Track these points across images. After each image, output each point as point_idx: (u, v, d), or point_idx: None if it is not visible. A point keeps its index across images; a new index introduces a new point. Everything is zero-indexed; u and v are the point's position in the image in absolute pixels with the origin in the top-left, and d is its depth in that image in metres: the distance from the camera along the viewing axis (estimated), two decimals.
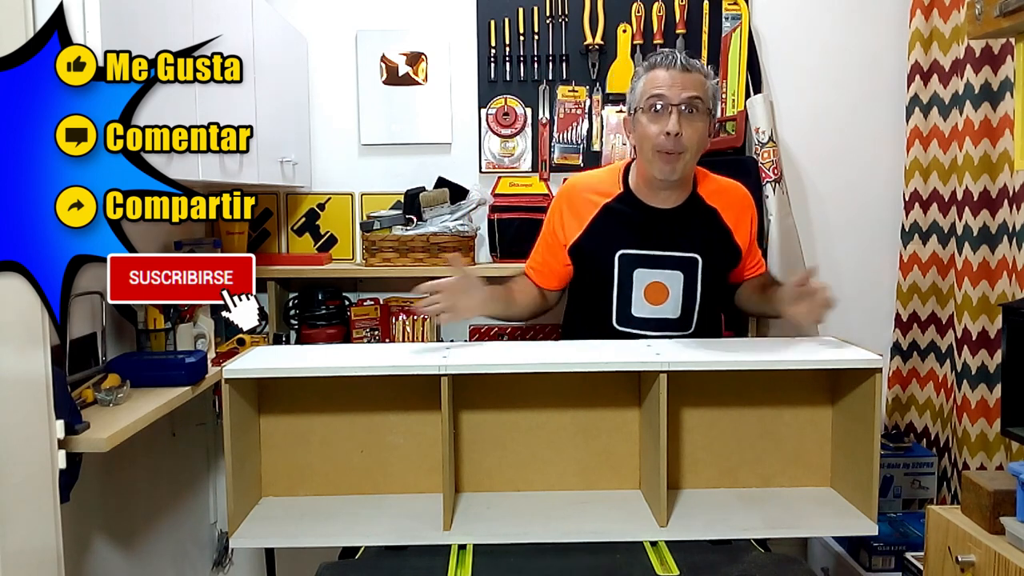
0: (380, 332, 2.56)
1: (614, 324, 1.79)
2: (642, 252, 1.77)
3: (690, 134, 1.68)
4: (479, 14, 2.57)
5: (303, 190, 2.62)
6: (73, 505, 1.48)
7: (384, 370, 1.41)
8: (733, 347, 1.65)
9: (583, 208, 1.81)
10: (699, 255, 1.78)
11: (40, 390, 1.23)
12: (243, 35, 2.01)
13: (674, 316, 1.79)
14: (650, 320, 1.78)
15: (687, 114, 1.67)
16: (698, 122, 1.69)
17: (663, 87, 1.68)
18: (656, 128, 1.68)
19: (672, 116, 1.66)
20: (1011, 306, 1.50)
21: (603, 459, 1.55)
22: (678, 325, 1.80)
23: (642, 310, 1.78)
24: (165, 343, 1.92)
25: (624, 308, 1.78)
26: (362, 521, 1.44)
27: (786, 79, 2.62)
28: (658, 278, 1.77)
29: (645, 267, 1.77)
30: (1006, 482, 1.38)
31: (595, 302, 1.81)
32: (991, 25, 1.40)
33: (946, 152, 2.46)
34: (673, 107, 1.66)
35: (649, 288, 1.77)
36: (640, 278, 1.77)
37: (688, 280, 1.78)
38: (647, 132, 1.69)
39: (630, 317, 1.79)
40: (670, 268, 1.77)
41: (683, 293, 1.78)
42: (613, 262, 1.77)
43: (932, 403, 2.54)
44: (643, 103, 1.70)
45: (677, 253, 1.77)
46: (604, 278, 1.78)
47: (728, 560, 1.33)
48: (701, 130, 1.70)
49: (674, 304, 1.78)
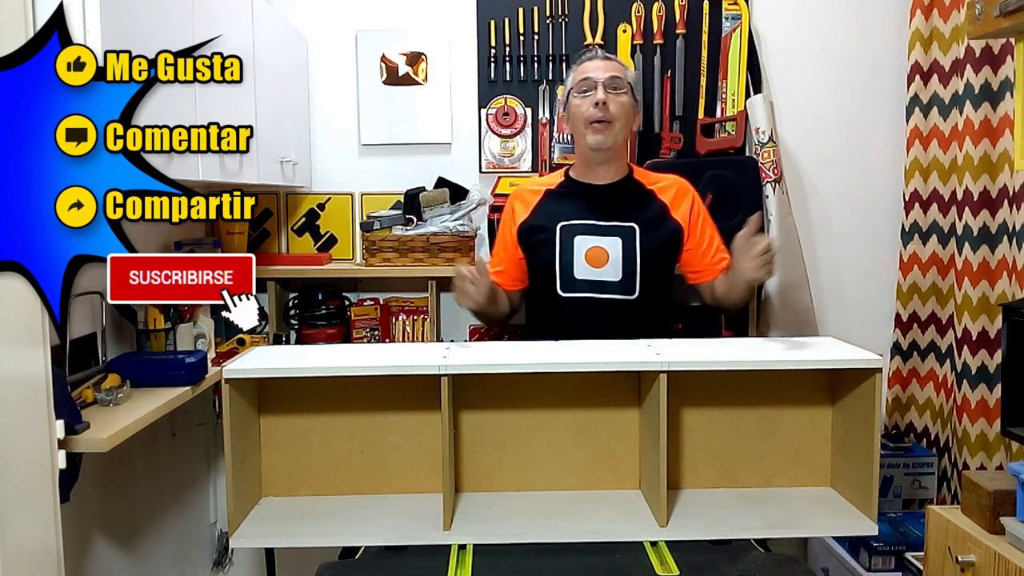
0: (380, 332, 2.56)
1: (559, 291, 1.92)
2: (582, 221, 1.94)
3: (616, 106, 1.89)
4: (479, 14, 2.57)
5: (303, 190, 2.62)
6: (73, 505, 1.48)
7: (384, 370, 1.41)
8: (733, 347, 1.65)
9: (529, 197, 2.02)
10: (635, 224, 1.93)
11: (40, 390, 1.23)
12: (243, 35, 2.01)
13: (615, 279, 1.91)
14: (593, 282, 1.91)
15: (612, 91, 1.90)
16: (622, 97, 1.91)
17: (589, 71, 1.93)
18: (587, 102, 1.90)
19: (599, 90, 1.89)
20: (1011, 306, 1.50)
21: (603, 459, 1.55)
22: (620, 288, 1.91)
23: (584, 272, 1.91)
24: (165, 343, 1.92)
25: (567, 273, 1.92)
26: (362, 521, 1.44)
27: (786, 79, 2.62)
28: (598, 243, 1.92)
29: (585, 234, 1.93)
30: (1006, 482, 1.38)
31: (542, 273, 1.95)
32: (991, 25, 1.40)
33: (946, 152, 2.46)
34: (599, 82, 1.90)
35: (590, 252, 1.91)
36: (580, 244, 1.92)
37: (627, 246, 1.91)
38: (579, 109, 1.92)
39: (574, 280, 1.91)
40: (609, 235, 1.92)
41: (623, 257, 1.91)
42: (555, 232, 1.93)
43: (932, 403, 2.54)
44: (574, 87, 1.95)
45: (615, 222, 1.93)
46: (549, 247, 1.93)
47: (728, 560, 1.33)
48: (626, 104, 1.92)
49: (615, 267, 1.91)
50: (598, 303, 1.89)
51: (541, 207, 1.99)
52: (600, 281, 1.90)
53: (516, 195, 2.07)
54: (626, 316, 1.89)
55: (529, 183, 2.13)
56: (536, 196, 2.01)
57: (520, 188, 2.11)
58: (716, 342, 1.79)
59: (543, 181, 2.09)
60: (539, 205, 1.99)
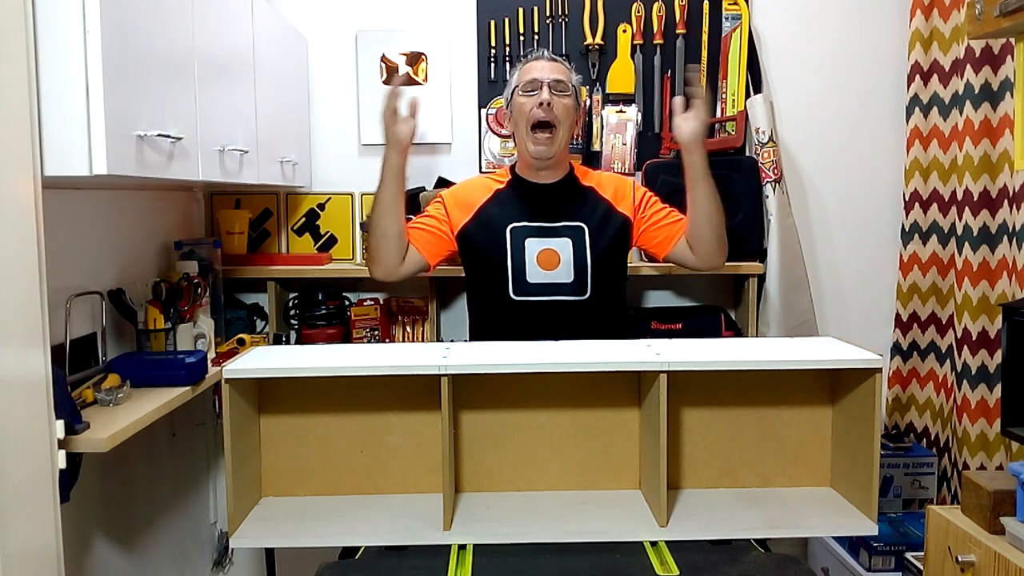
0: (380, 332, 2.56)
1: (511, 295, 1.90)
2: (532, 224, 1.93)
3: (560, 108, 1.89)
4: (479, 14, 2.57)
5: (303, 190, 2.62)
6: (73, 505, 1.48)
7: (384, 370, 1.41)
8: (733, 347, 1.65)
9: (473, 196, 2.00)
10: (583, 223, 1.93)
11: (40, 390, 1.23)
12: (243, 35, 2.01)
13: (568, 280, 1.90)
14: (545, 285, 1.90)
15: (557, 92, 1.89)
16: (566, 99, 1.91)
17: (534, 71, 1.92)
18: (531, 102, 1.89)
19: (544, 90, 1.88)
20: (1011, 306, 1.50)
21: (603, 459, 1.55)
22: (572, 289, 1.90)
23: (536, 276, 1.90)
24: (165, 343, 1.92)
25: (520, 277, 1.91)
26: (362, 521, 1.44)
27: (786, 79, 2.62)
28: (549, 245, 1.91)
29: (536, 236, 1.92)
30: (1006, 482, 1.38)
31: (492, 278, 1.92)
32: (991, 25, 1.40)
33: (946, 152, 2.46)
34: (544, 83, 1.89)
35: (541, 255, 1.91)
36: (532, 247, 1.91)
37: (577, 246, 1.91)
38: (523, 108, 1.90)
39: (526, 285, 1.90)
40: (559, 236, 1.92)
41: (574, 258, 1.90)
42: (506, 236, 1.92)
43: (932, 403, 2.54)
44: (519, 85, 1.93)
45: (564, 223, 1.93)
46: (499, 251, 1.91)
47: (728, 560, 1.33)
48: (570, 107, 1.92)
49: (567, 269, 1.90)
50: (550, 305, 1.89)
51: (489, 208, 1.97)
52: (553, 283, 1.90)
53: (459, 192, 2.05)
54: (578, 317, 1.89)
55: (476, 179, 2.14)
56: (483, 196, 1.98)
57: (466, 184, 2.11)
58: (716, 342, 1.78)
59: (490, 179, 2.06)
60: (485, 206, 1.97)
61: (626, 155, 2.54)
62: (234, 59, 1.94)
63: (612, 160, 2.54)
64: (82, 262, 1.81)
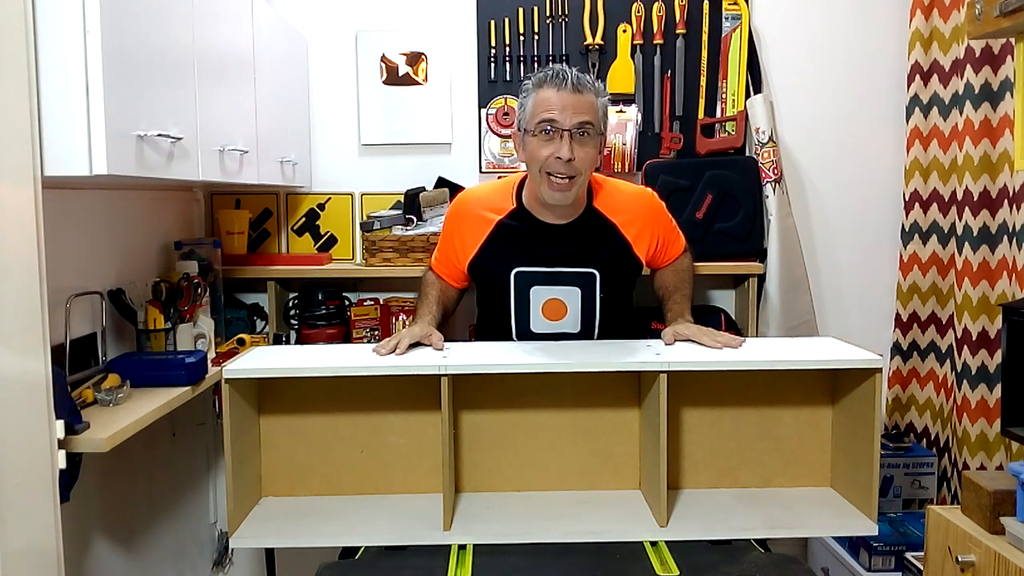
0: (380, 332, 2.56)
1: (514, 338, 1.80)
2: (538, 269, 1.75)
3: (582, 157, 1.64)
4: (479, 14, 2.57)
5: (303, 190, 2.62)
6: (73, 505, 1.48)
7: (384, 370, 1.41)
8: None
9: (477, 226, 1.80)
10: (596, 270, 1.76)
11: (40, 390, 1.23)
12: (243, 35, 2.01)
13: (574, 330, 1.78)
14: (550, 335, 1.77)
15: (579, 138, 1.64)
16: (589, 146, 1.66)
17: (555, 110, 1.63)
18: (547, 152, 1.64)
19: (564, 141, 1.62)
20: (1011, 306, 1.50)
21: (603, 459, 1.55)
22: (578, 336, 1.79)
23: (541, 326, 1.77)
24: (165, 343, 1.92)
25: (523, 324, 1.78)
26: (362, 521, 1.44)
27: (786, 79, 2.62)
28: (555, 295, 1.75)
29: (541, 284, 1.75)
30: (1006, 482, 1.38)
31: (496, 317, 1.81)
32: (991, 25, 1.40)
33: (946, 152, 2.46)
34: (564, 132, 1.63)
35: (547, 305, 1.76)
36: (537, 295, 1.76)
37: (586, 295, 1.76)
38: (538, 155, 1.66)
39: (530, 333, 1.78)
40: (567, 284, 1.76)
41: (582, 307, 1.76)
42: (509, 280, 1.76)
43: (932, 403, 2.54)
44: (533, 126, 1.66)
45: (573, 269, 1.75)
46: (502, 295, 1.77)
47: (728, 560, 1.33)
48: (592, 153, 1.67)
49: (573, 319, 1.77)
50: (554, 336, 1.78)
51: (492, 244, 1.79)
52: (558, 333, 1.77)
53: (462, 217, 1.84)
54: None
55: (476, 200, 1.86)
56: (486, 227, 1.79)
57: (467, 205, 1.86)
58: None
59: (493, 202, 1.83)
60: (489, 241, 1.79)
61: (626, 155, 2.54)
62: (234, 59, 1.94)
63: (612, 160, 2.54)
64: (82, 262, 1.81)
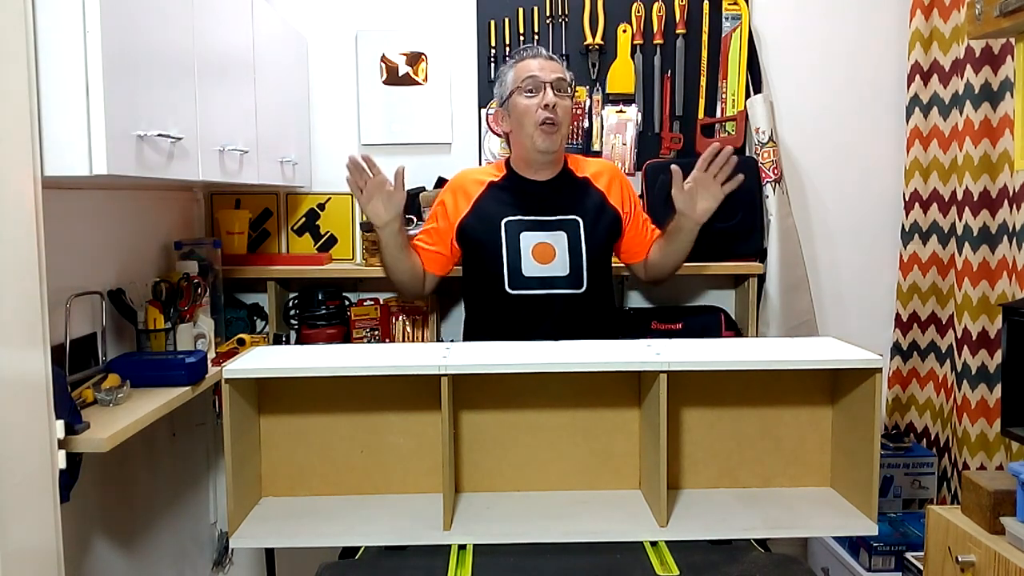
0: (380, 332, 2.56)
1: (507, 289, 1.93)
2: (526, 217, 1.96)
3: (562, 110, 1.92)
4: (479, 14, 2.57)
5: (303, 190, 2.62)
6: (73, 505, 1.48)
7: (384, 370, 1.41)
8: (733, 347, 1.65)
9: (471, 189, 2.02)
10: (578, 217, 1.97)
11: (40, 390, 1.23)
12: (243, 35, 2.01)
13: (564, 273, 1.94)
14: (541, 279, 1.93)
15: (558, 92, 1.92)
16: (566, 99, 1.94)
17: (535, 70, 1.93)
18: (533, 102, 1.91)
19: (547, 91, 1.91)
20: (1011, 306, 1.50)
21: (603, 459, 1.55)
22: (568, 283, 1.94)
23: (532, 270, 1.94)
24: (165, 343, 1.92)
25: (515, 270, 1.93)
26: (362, 521, 1.44)
27: (786, 79, 2.62)
28: (544, 239, 1.94)
29: (530, 230, 1.95)
30: (1006, 482, 1.38)
31: (488, 271, 1.96)
32: (991, 25, 1.40)
33: (946, 152, 2.46)
34: (546, 84, 1.91)
35: (536, 248, 1.94)
36: (527, 240, 1.95)
37: (572, 239, 1.95)
38: (527, 109, 1.92)
39: (522, 278, 1.93)
40: (554, 230, 1.95)
41: (569, 251, 1.94)
42: (500, 229, 1.95)
43: (932, 403, 2.54)
44: (519, 85, 1.93)
45: (558, 216, 1.97)
46: (494, 245, 1.95)
47: (728, 560, 1.33)
48: (568, 105, 1.96)
49: (562, 262, 1.94)
50: (547, 299, 1.93)
51: (484, 201, 2.00)
52: (549, 277, 1.93)
53: (457, 185, 2.05)
54: (574, 310, 1.93)
55: (472, 173, 2.11)
56: (479, 189, 2.01)
57: (464, 177, 2.08)
58: (716, 342, 1.78)
59: (486, 172, 2.08)
60: (481, 199, 2.00)
61: (626, 155, 2.54)
62: (234, 59, 1.94)
63: (612, 160, 2.54)
64: (82, 262, 1.81)
